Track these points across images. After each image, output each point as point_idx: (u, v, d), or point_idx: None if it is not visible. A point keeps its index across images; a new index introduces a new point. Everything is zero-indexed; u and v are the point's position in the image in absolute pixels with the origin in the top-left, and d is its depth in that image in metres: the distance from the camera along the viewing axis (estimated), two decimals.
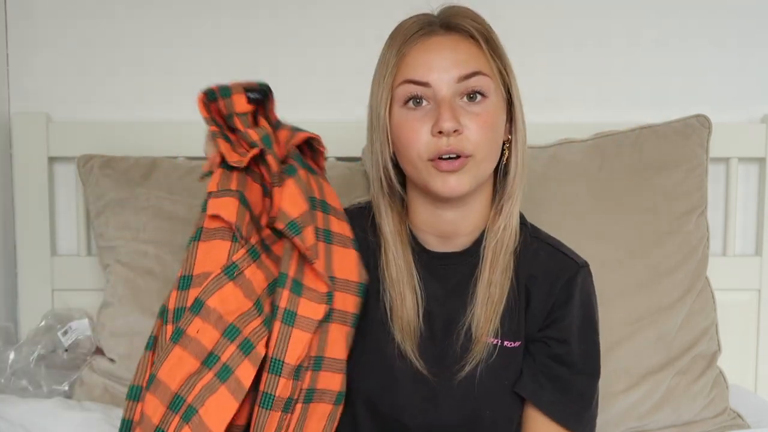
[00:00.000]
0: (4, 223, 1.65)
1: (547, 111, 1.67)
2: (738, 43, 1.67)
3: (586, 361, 1.09)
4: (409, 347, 1.06)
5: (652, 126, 1.53)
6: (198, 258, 0.96)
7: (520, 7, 1.65)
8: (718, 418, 1.45)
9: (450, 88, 1.01)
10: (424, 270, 1.09)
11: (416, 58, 1.02)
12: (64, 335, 1.54)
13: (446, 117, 0.98)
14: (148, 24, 1.66)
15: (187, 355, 0.92)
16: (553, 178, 1.49)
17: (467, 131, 1.00)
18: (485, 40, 1.04)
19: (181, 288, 0.96)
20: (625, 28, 1.67)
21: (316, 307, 0.99)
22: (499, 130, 1.04)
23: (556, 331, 1.07)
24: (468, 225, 1.08)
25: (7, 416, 1.33)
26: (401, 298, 1.07)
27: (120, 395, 1.46)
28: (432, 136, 1.00)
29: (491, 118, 1.02)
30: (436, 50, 1.02)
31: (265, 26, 1.66)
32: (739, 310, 1.66)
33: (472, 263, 1.08)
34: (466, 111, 1.01)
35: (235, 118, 1.02)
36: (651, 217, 1.47)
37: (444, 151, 0.99)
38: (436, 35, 1.03)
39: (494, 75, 1.03)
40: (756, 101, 1.68)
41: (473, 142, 1.00)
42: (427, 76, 1.01)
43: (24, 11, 1.65)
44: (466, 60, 1.02)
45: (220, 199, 0.97)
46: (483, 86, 1.02)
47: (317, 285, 1.00)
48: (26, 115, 1.64)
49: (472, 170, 1.01)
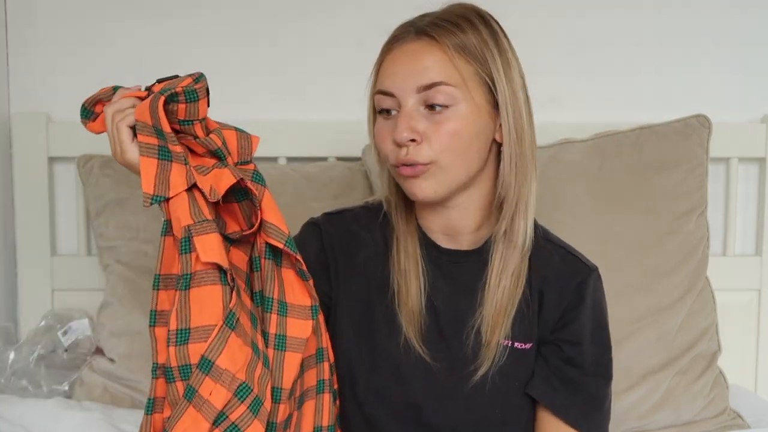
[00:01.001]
0: (4, 223, 1.65)
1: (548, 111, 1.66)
2: (738, 43, 1.67)
3: (597, 364, 1.09)
4: (412, 334, 1.06)
5: (652, 126, 1.53)
6: (193, 310, 0.89)
7: (520, 7, 1.65)
8: (718, 418, 1.45)
9: (412, 97, 1.00)
10: (433, 266, 1.09)
11: (386, 67, 1.03)
12: (64, 335, 1.53)
13: (400, 128, 0.99)
14: (147, 24, 1.65)
15: (201, 418, 0.89)
16: (553, 178, 1.49)
17: (427, 141, 0.99)
18: (457, 44, 1.00)
19: (180, 342, 0.89)
20: (625, 27, 1.67)
21: (303, 324, 0.98)
22: (470, 137, 1.01)
23: (569, 334, 1.07)
24: (469, 224, 1.08)
25: (7, 416, 1.33)
26: (407, 285, 1.07)
27: (120, 395, 1.46)
28: (394, 145, 1.01)
29: (457, 125, 0.99)
30: (401, 59, 1.01)
31: (264, 26, 1.66)
32: (739, 310, 1.66)
33: (482, 264, 1.08)
34: (428, 120, 1.00)
35: (196, 125, 0.93)
36: (651, 217, 1.47)
37: (402, 161, 1.00)
38: (407, 42, 1.02)
39: (462, 83, 0.99)
40: (756, 101, 1.68)
41: (435, 150, 0.99)
42: (391, 87, 1.01)
43: (24, 11, 1.65)
44: (429, 68, 0.99)
45: (205, 238, 0.90)
46: (446, 96, 0.99)
47: (303, 300, 0.99)
48: (26, 115, 1.64)
49: (436, 176, 1.00)
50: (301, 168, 1.57)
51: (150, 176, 0.89)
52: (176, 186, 0.90)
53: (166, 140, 0.91)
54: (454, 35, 1.01)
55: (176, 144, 0.92)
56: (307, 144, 1.64)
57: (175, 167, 0.90)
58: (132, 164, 0.93)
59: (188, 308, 0.89)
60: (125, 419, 1.37)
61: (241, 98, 1.67)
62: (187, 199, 0.90)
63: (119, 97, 0.95)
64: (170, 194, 0.89)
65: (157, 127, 0.90)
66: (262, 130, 1.63)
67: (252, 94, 1.68)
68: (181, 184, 0.90)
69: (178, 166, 0.90)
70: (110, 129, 0.94)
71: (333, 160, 1.62)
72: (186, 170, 0.91)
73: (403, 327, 1.07)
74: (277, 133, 1.63)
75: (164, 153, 0.90)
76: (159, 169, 0.89)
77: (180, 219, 0.89)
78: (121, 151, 0.93)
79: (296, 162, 1.63)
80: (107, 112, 0.94)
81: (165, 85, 0.93)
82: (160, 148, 0.90)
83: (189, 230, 0.89)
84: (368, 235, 1.12)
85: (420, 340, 1.07)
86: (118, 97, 0.95)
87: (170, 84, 0.92)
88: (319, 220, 1.14)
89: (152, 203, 0.89)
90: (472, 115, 1.01)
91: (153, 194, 0.89)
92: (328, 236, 1.12)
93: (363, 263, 1.11)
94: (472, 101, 1.01)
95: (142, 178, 0.89)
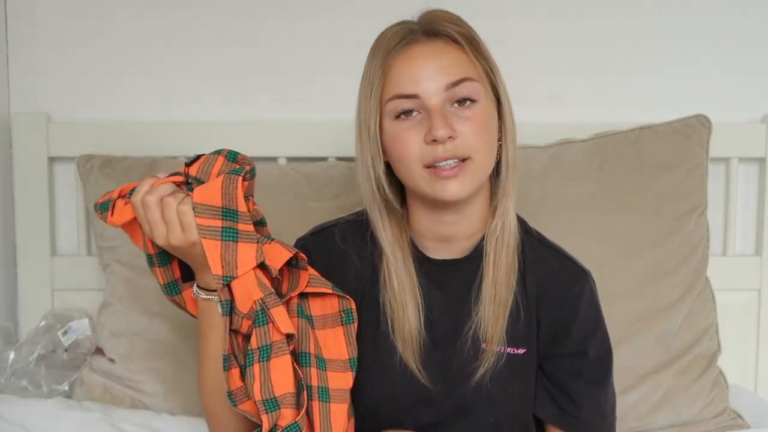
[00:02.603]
0: (4, 223, 1.65)
1: (548, 111, 1.67)
2: (738, 43, 1.67)
3: (601, 371, 1.09)
4: (410, 357, 1.05)
5: (652, 126, 1.53)
6: (274, 379, 0.93)
7: (521, 6, 1.66)
8: (718, 418, 1.45)
9: (439, 96, 1.00)
10: (426, 278, 1.08)
11: (401, 70, 1.01)
12: (64, 335, 1.54)
13: (439, 125, 0.98)
14: (148, 24, 1.65)
15: None
16: (553, 178, 1.49)
17: (462, 136, 0.99)
18: (468, 42, 1.03)
19: (269, 410, 0.93)
20: (625, 27, 1.67)
21: (344, 377, 1.00)
22: (493, 131, 1.04)
23: (572, 346, 1.07)
24: (468, 227, 1.08)
25: (7, 416, 1.33)
26: (403, 307, 1.06)
27: (120, 395, 1.46)
28: (426, 144, 1.00)
29: (484, 120, 1.02)
30: (421, 59, 1.01)
31: (265, 26, 1.66)
32: (739, 310, 1.66)
33: (475, 267, 1.08)
34: (458, 116, 1.00)
35: (250, 200, 0.98)
36: (651, 217, 1.47)
37: (441, 158, 0.99)
38: (418, 43, 1.02)
39: (481, 78, 1.03)
40: (756, 101, 1.68)
41: (470, 146, 1.00)
42: (414, 88, 1.00)
43: (24, 11, 1.65)
44: (452, 66, 1.01)
45: (277, 310, 0.94)
46: (472, 91, 1.01)
47: (340, 354, 1.01)
48: (26, 115, 1.64)
49: (472, 172, 1.01)
50: (301, 168, 1.57)
51: (216, 258, 0.92)
52: (245, 264, 0.93)
53: (237, 220, 0.93)
54: (466, 35, 1.03)
55: (249, 223, 0.94)
56: (307, 144, 1.64)
57: (243, 246, 0.93)
58: (194, 244, 0.93)
59: (270, 379, 0.93)
60: (125, 419, 1.37)
61: (241, 98, 1.67)
62: (254, 273, 0.94)
63: (150, 185, 0.95)
64: (239, 273, 0.92)
65: (227, 209, 0.93)
66: (262, 130, 1.64)
67: (252, 94, 1.67)
68: (250, 262, 0.93)
69: (246, 245, 0.93)
70: (168, 215, 0.93)
71: (333, 160, 1.62)
72: (257, 248, 0.94)
73: (398, 349, 1.06)
74: (277, 133, 1.63)
75: (228, 234, 0.93)
76: (223, 250, 0.92)
77: (252, 293, 0.93)
78: (184, 232, 0.93)
79: (296, 162, 1.62)
80: (150, 200, 0.93)
81: (201, 167, 0.96)
82: (224, 230, 0.93)
83: (264, 303, 0.93)
84: (356, 254, 1.11)
85: (418, 362, 1.06)
86: (148, 185, 0.95)
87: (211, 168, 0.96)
88: (307, 242, 1.13)
89: (224, 284, 0.92)
90: (490, 110, 1.04)
91: (222, 275, 0.92)
92: (318, 261, 1.10)
93: (353, 283, 1.10)
94: (489, 97, 1.03)
95: (208, 260, 0.92)
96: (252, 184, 0.98)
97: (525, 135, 1.58)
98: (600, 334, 1.09)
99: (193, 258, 0.96)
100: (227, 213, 0.92)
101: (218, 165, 0.96)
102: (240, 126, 1.64)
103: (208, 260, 0.91)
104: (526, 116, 1.65)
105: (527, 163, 1.50)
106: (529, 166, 1.50)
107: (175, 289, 1.03)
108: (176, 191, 0.95)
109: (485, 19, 1.63)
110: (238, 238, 0.93)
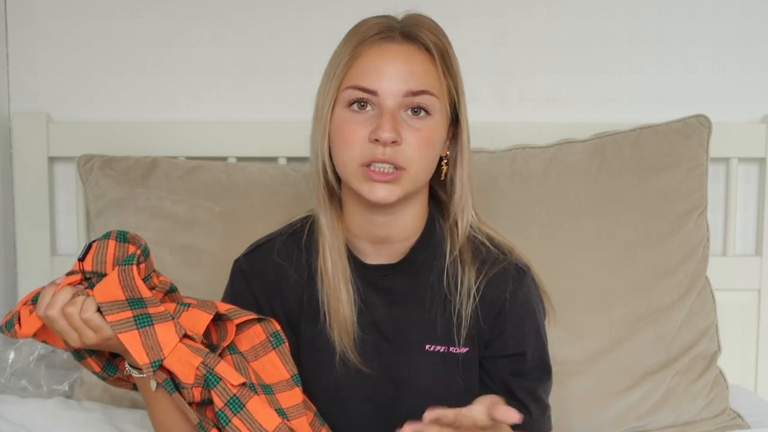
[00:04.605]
0: (4, 223, 1.65)
1: (548, 111, 1.68)
2: (738, 43, 1.67)
3: (540, 368, 1.11)
4: (346, 344, 1.06)
5: (652, 126, 1.53)
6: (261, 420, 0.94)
7: (521, 6, 1.65)
8: (718, 418, 1.45)
9: (396, 99, 1.00)
10: (363, 281, 1.09)
11: (369, 62, 1.01)
12: None
13: (387, 127, 0.98)
14: (148, 24, 1.66)
15: None
16: (553, 178, 1.49)
17: (405, 144, 0.99)
18: (441, 57, 1.02)
19: None
20: (625, 28, 1.67)
21: (292, 393, 1.01)
22: (436, 148, 1.03)
23: (509, 346, 1.08)
24: (401, 231, 1.08)
25: (7, 416, 1.33)
26: (336, 293, 1.06)
27: (120, 395, 1.46)
28: (369, 142, 0.99)
29: (431, 135, 1.01)
30: (391, 58, 1.00)
31: (265, 26, 1.66)
32: (739, 310, 1.66)
33: (413, 271, 1.08)
34: (408, 125, 1.00)
35: (153, 276, 0.99)
36: (651, 217, 1.47)
37: (379, 160, 0.99)
38: (393, 42, 1.02)
39: (443, 95, 1.02)
40: (756, 101, 1.68)
41: (409, 156, 0.99)
42: (376, 84, 1.00)
43: (24, 11, 1.65)
44: (418, 75, 1.00)
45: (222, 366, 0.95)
46: (429, 104, 1.01)
47: (281, 375, 1.02)
48: (26, 115, 1.64)
49: (404, 183, 1.00)
50: (301, 168, 1.57)
51: (138, 347, 0.92)
52: (169, 343, 0.93)
53: (145, 306, 0.93)
54: (441, 47, 1.02)
55: (158, 305, 0.95)
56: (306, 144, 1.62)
57: (161, 327, 0.93)
58: (110, 338, 0.93)
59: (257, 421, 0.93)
60: (125, 419, 1.38)
61: (241, 98, 1.67)
62: (183, 345, 0.94)
63: (51, 294, 0.93)
64: (165, 354, 0.93)
65: (132, 299, 0.93)
66: (262, 130, 1.64)
67: (252, 94, 1.67)
68: (172, 340, 0.93)
69: (164, 324, 0.94)
70: (74, 323, 0.92)
71: None
72: (174, 324, 0.94)
73: (337, 343, 1.06)
74: (277, 133, 1.63)
75: (142, 320, 0.93)
76: (143, 338, 0.92)
77: (191, 362, 0.93)
78: (96, 333, 0.93)
79: (296, 162, 1.62)
80: (52, 313, 0.92)
81: (94, 258, 0.96)
82: (137, 318, 0.93)
83: (207, 365, 0.93)
84: (292, 266, 1.11)
85: (355, 350, 1.06)
86: (50, 295, 0.93)
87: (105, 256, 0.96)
88: (243, 264, 1.14)
89: (154, 370, 0.92)
90: (440, 126, 1.03)
91: (150, 361, 0.92)
92: (256, 282, 1.11)
93: (290, 294, 1.11)
94: (444, 114, 1.03)
95: (132, 354, 0.92)
96: (149, 262, 0.98)
97: (525, 135, 1.60)
98: (536, 332, 1.10)
99: (114, 347, 0.96)
100: (133, 302, 0.93)
101: (111, 251, 0.96)
102: (240, 126, 1.64)
103: (130, 353, 0.91)
104: (526, 116, 1.68)
105: (527, 163, 1.50)
106: (529, 166, 1.50)
107: (113, 369, 1.03)
108: (77, 294, 0.94)
109: (485, 18, 1.66)
110: (153, 321, 0.93)
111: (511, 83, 1.68)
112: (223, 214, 1.48)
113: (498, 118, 1.66)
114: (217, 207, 1.48)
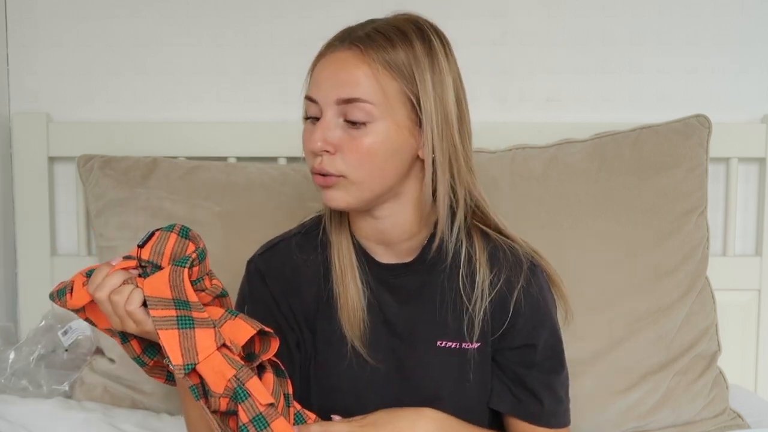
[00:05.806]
0: (4, 223, 1.65)
1: (548, 111, 1.68)
2: (738, 42, 1.67)
3: (553, 359, 1.11)
4: (356, 338, 1.07)
5: (652, 126, 1.53)
6: None
7: (521, 6, 1.66)
8: (718, 418, 1.45)
9: (331, 108, 0.99)
10: (375, 279, 1.09)
11: (315, 73, 1.03)
12: (64, 335, 1.54)
13: (315, 138, 0.98)
14: (148, 24, 1.66)
15: None
16: (553, 178, 1.49)
17: (341, 153, 0.99)
18: (385, 60, 0.98)
19: None
20: (625, 28, 1.67)
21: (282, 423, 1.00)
22: (387, 154, 0.99)
23: (520, 338, 1.08)
24: (399, 233, 1.07)
25: (7, 416, 1.33)
26: (345, 286, 1.07)
27: (120, 395, 1.46)
28: (311, 153, 1.01)
29: (372, 142, 0.98)
30: (328, 67, 1.01)
31: (265, 26, 1.66)
32: (739, 310, 1.66)
33: (422, 271, 1.08)
34: (345, 133, 0.99)
35: (205, 279, 0.99)
36: (651, 217, 1.47)
37: (315, 169, 1.00)
38: (337, 51, 1.01)
39: (388, 98, 0.98)
40: (756, 101, 1.68)
41: (346, 165, 0.99)
42: (315, 93, 1.01)
43: (24, 11, 1.65)
44: (351, 82, 0.98)
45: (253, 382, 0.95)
46: (365, 113, 0.97)
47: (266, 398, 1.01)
48: (26, 115, 1.64)
49: (347, 188, 1.00)
50: (301, 168, 1.57)
51: (175, 347, 0.91)
52: (205, 349, 0.92)
53: (189, 309, 0.93)
54: (383, 50, 0.99)
55: (202, 311, 0.94)
56: None
57: (201, 332, 0.92)
58: (150, 335, 0.94)
59: None
60: (125, 419, 1.38)
61: (241, 98, 1.67)
62: (220, 354, 0.93)
63: (104, 275, 0.93)
64: (199, 359, 0.92)
65: (178, 299, 0.92)
66: (262, 130, 1.64)
67: (252, 95, 1.68)
68: (210, 347, 0.92)
69: (204, 330, 0.93)
70: (118, 311, 0.92)
71: None
72: (214, 332, 0.93)
73: (345, 332, 1.07)
74: (277, 133, 1.63)
75: (184, 321, 0.92)
76: (182, 338, 0.92)
77: (224, 372, 0.92)
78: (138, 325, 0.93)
79: (296, 162, 1.63)
80: (101, 295, 0.92)
81: (153, 248, 0.96)
82: (179, 318, 0.92)
83: (239, 379, 0.93)
84: (308, 264, 1.11)
85: (364, 343, 1.07)
86: (101, 276, 0.93)
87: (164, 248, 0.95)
88: (259, 264, 1.13)
89: (186, 373, 0.91)
90: (390, 132, 0.99)
91: (183, 363, 0.91)
92: (273, 282, 1.11)
93: (309, 293, 1.11)
94: (392, 119, 0.99)
95: (167, 352, 0.91)
96: (204, 265, 0.97)
97: (525, 135, 1.60)
98: (549, 325, 1.10)
99: (153, 340, 0.97)
100: (179, 303, 0.93)
101: (170, 244, 0.96)
102: (240, 126, 1.64)
103: (166, 351, 0.91)
104: (526, 116, 1.68)
105: (527, 163, 1.50)
106: (529, 166, 1.50)
107: (153, 352, 1.03)
108: (127, 281, 0.93)
109: (485, 18, 1.66)
110: (195, 324, 0.92)
111: (511, 83, 1.68)
112: (223, 214, 1.48)
113: (498, 118, 1.66)
114: (217, 207, 1.48)
